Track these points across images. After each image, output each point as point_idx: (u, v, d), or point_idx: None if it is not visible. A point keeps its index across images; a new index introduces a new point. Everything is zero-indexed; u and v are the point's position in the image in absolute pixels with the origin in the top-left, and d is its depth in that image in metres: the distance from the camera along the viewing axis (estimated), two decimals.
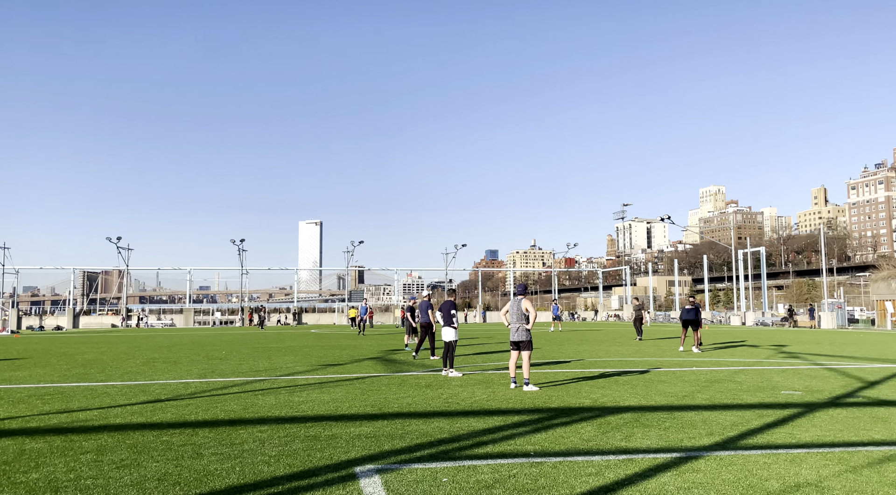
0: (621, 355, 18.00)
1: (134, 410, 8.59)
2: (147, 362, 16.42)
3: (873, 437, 6.67)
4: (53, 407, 8.84)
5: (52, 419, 7.94)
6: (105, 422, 7.69)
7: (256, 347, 22.84)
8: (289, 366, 14.97)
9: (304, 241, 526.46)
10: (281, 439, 6.69)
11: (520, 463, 5.65)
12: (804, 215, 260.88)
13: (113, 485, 5.03)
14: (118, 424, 7.58)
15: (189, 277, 71.13)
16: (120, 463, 5.73)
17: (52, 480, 5.18)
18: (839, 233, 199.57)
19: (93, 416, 8.11)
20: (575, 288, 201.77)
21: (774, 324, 52.35)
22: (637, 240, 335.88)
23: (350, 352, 20.17)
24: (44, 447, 6.36)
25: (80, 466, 5.61)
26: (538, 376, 12.38)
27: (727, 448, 6.20)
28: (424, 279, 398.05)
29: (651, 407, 8.60)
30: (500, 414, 8.12)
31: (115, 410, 8.59)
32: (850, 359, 16.49)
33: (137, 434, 7.00)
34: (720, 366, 14.40)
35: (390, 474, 5.33)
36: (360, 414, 8.17)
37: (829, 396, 9.65)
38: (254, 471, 5.42)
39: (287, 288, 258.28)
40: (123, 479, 5.20)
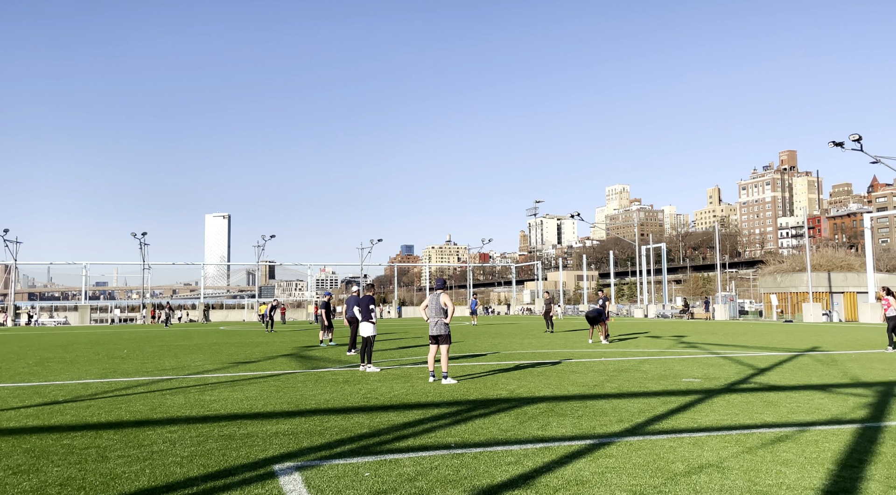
0: (535, 347, 18.51)
1: (29, 413, 8.02)
2: (40, 362, 15.34)
3: (765, 420, 7.20)
4: None
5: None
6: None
7: (161, 345, 21.83)
8: (198, 365, 14.41)
9: (211, 235, 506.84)
10: (193, 439, 6.45)
11: (441, 454, 5.71)
12: (700, 213, 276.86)
13: (10, 492, 4.69)
14: (12, 428, 7.05)
15: (85, 272, 66.93)
16: (17, 468, 5.35)
17: None
18: (731, 230, 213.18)
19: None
20: (489, 282, 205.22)
21: (673, 316, 55.36)
22: (548, 236, 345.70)
23: (263, 349, 19.66)
24: None
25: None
26: (456, 369, 12.54)
27: (636, 433, 6.52)
28: (339, 274, 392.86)
29: (565, 397, 8.90)
30: (420, 408, 8.17)
31: (7, 413, 7.99)
32: (742, 348, 17.69)
33: (35, 437, 6.54)
34: (626, 357, 15.09)
35: (310, 471, 5.25)
36: (277, 412, 7.99)
37: (726, 383, 10.33)
38: (165, 473, 5.20)
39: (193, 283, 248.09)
40: (22, 485, 4.86)
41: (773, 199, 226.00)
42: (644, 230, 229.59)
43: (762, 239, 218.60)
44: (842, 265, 61.86)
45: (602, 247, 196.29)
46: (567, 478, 4.92)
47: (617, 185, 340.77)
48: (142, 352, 18.71)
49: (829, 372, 11.83)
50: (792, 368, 12.47)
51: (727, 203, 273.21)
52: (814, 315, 42.23)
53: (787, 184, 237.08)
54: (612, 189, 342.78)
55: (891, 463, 5.26)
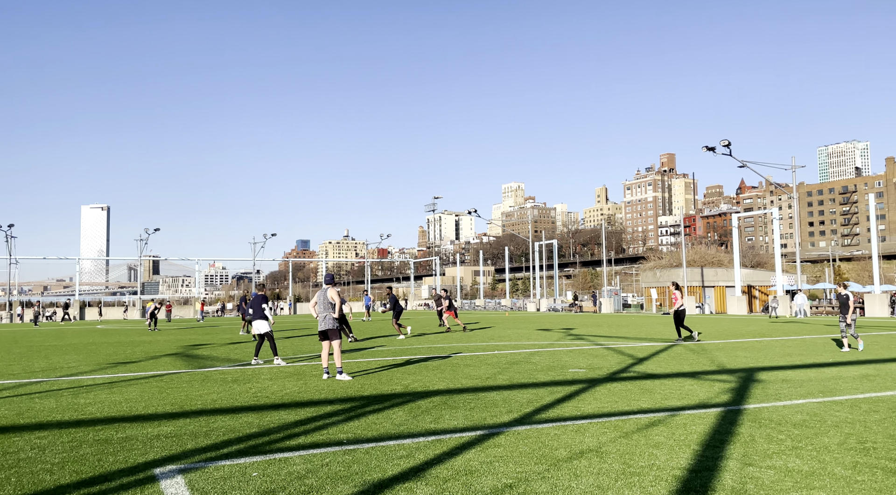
0: (430, 342, 18.71)
1: None
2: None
3: (641, 406, 7.70)
4: None
5: None
6: None
7: (30, 346, 20.17)
8: (71, 366, 13.46)
9: (88, 228, 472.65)
10: (65, 445, 6.03)
11: (333, 451, 5.68)
12: (589, 211, 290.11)
13: None
14: None
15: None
16: None
17: None
18: (617, 228, 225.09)
19: None
20: (388, 278, 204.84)
21: (563, 309, 57.72)
22: (446, 232, 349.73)
23: (144, 348, 18.63)
24: None
25: None
26: (351, 366, 12.46)
27: (524, 423, 6.77)
28: (230, 270, 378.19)
29: (458, 390, 9.08)
30: (313, 405, 8.07)
31: None
32: (624, 339, 18.76)
33: None
34: (518, 349, 15.60)
35: (194, 473, 5.07)
36: (159, 414, 7.63)
37: (608, 372, 10.93)
38: (33, 481, 4.84)
39: (67, 279, 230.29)
40: None
41: (655, 199, 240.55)
42: (538, 227, 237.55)
43: (644, 236, 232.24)
44: (713, 261, 66.92)
45: (498, 243, 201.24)
46: (457, 469, 5.05)
47: (513, 183, 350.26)
48: (8, 353, 17.21)
49: (699, 360, 12.79)
50: (667, 357, 13.38)
51: (613, 202, 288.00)
52: (689, 307, 45.42)
53: (666, 185, 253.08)
54: (508, 187, 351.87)
55: (747, 443, 5.79)
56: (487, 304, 73.34)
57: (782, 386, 9.13)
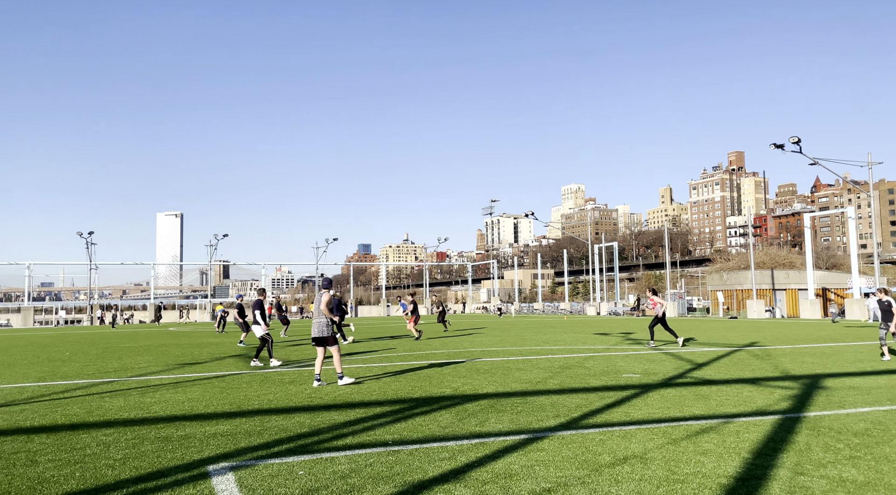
0: (484, 345, 18.72)
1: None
2: None
3: (694, 412, 7.51)
4: None
5: None
6: None
7: (106, 347, 21.30)
8: (142, 367, 14.15)
9: (163, 234, 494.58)
10: (128, 442, 6.38)
11: (377, 452, 5.79)
12: (653, 212, 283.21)
13: None
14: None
15: (28, 273, 64.54)
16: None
17: None
18: (682, 229, 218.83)
19: None
20: (446, 281, 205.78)
21: (625, 313, 56.55)
22: (505, 235, 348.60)
23: (211, 350, 19.37)
24: None
25: None
26: (403, 367, 12.61)
27: (570, 428, 6.72)
28: (295, 274, 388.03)
29: (507, 394, 9.08)
30: (363, 407, 8.23)
31: None
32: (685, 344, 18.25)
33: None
34: (573, 354, 15.42)
35: (245, 471, 5.27)
36: (218, 413, 7.94)
37: (663, 378, 10.68)
38: (95, 476, 5.15)
39: (144, 284, 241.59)
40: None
41: (722, 199, 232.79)
42: (598, 229, 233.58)
43: (712, 237, 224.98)
44: (784, 263, 64.16)
45: (558, 246, 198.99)
46: (497, 472, 5.07)
47: (573, 185, 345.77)
48: (85, 354, 18.23)
49: (761, 366, 12.33)
50: (728, 363, 12.96)
51: (678, 202, 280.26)
52: (757, 311, 43.72)
53: (735, 184, 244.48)
54: (568, 188, 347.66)
55: (802, 451, 5.57)
56: (546, 308, 72.66)
57: (848, 394, 8.71)
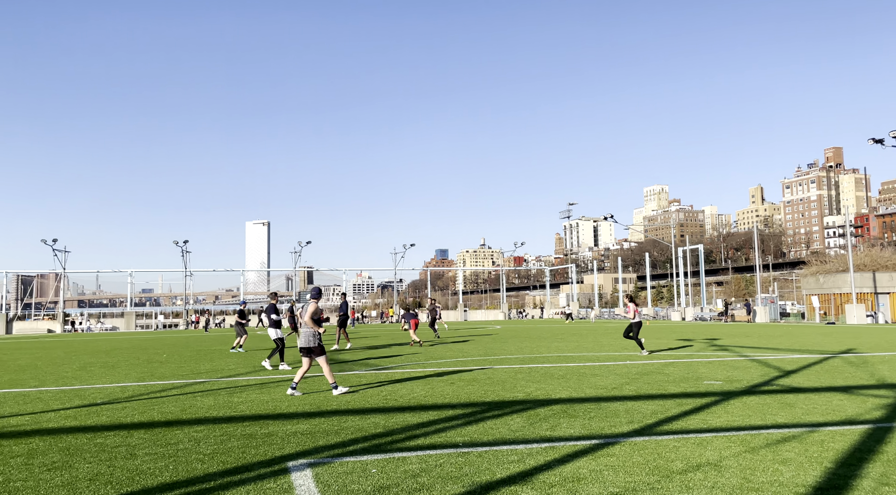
0: (560, 350, 18.56)
1: (68, 414, 8.51)
2: (84, 367, 16.06)
3: (777, 421, 7.22)
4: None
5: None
6: (37, 427, 7.62)
7: (199, 350, 22.54)
8: (231, 368, 14.91)
9: (252, 242, 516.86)
10: (217, 438, 6.80)
11: (448, 453, 5.93)
12: (743, 213, 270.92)
13: (43, 487, 5.08)
14: (51, 428, 7.52)
15: (130, 280, 69.11)
16: (51, 465, 5.75)
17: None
18: (775, 230, 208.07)
19: (24, 421, 8.01)
20: (524, 286, 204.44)
21: (712, 319, 54.40)
22: (584, 239, 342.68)
23: (294, 352, 20.14)
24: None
25: (10, 469, 5.61)
26: (477, 373, 12.70)
27: (643, 434, 6.62)
28: (375, 279, 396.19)
29: (580, 399, 9.02)
30: (436, 409, 8.40)
31: (47, 415, 8.49)
32: (774, 351, 17.44)
33: (70, 437, 6.98)
34: (652, 360, 15.06)
35: (322, 467, 5.53)
36: (298, 413, 8.32)
37: (747, 385, 10.29)
38: (187, 469, 5.54)
39: (234, 289, 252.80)
40: (54, 480, 5.24)
41: (819, 198, 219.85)
42: (684, 231, 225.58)
43: (808, 239, 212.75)
44: (888, 265, 59.90)
45: (640, 250, 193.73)
46: (565, 476, 5.09)
47: (655, 186, 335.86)
48: (180, 356, 19.37)
49: (856, 373, 11.65)
50: (819, 370, 12.31)
51: (770, 202, 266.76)
52: (857, 316, 41.07)
53: (833, 181, 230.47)
54: (651, 189, 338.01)
55: (890, 462, 5.28)
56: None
57: None
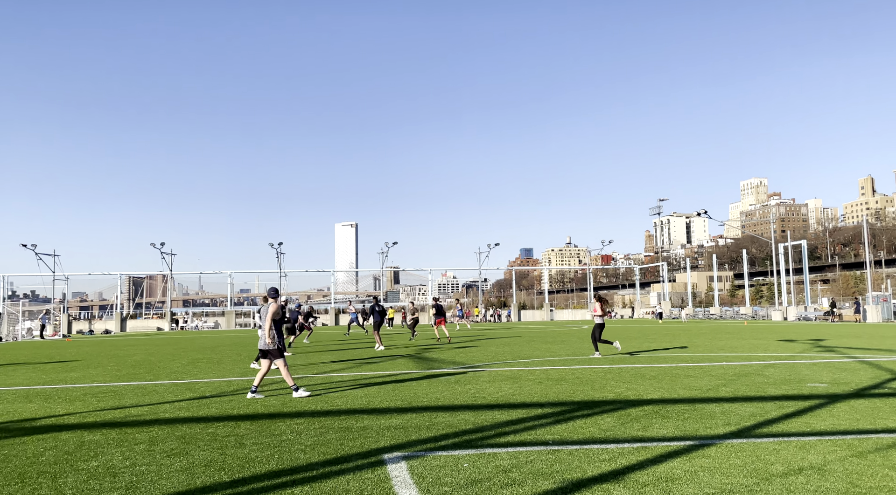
0: (652, 351, 18.10)
1: (181, 406, 9.18)
2: (192, 362, 17.18)
3: (888, 425, 6.81)
4: (107, 404, 9.50)
5: (107, 414, 8.57)
6: (155, 417, 8.28)
7: (294, 348, 23.53)
8: (325, 365, 15.52)
9: (341, 243, 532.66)
10: (316, 430, 7.16)
11: (538, 450, 5.99)
12: (851, 206, 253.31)
13: (165, 471, 5.55)
14: (167, 418, 8.16)
15: (230, 281, 72.93)
16: (170, 451, 6.26)
17: (110, 467, 5.72)
18: (888, 223, 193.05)
19: (144, 412, 8.72)
20: (612, 285, 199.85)
21: (817, 318, 51.23)
22: (676, 236, 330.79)
23: (384, 350, 20.67)
24: (101, 439, 6.94)
25: (135, 455, 6.16)
26: (565, 372, 12.63)
27: (741, 436, 6.43)
28: (459, 279, 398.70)
29: (673, 400, 8.82)
30: (525, 407, 8.46)
31: (163, 406, 9.20)
32: (886, 353, 16.30)
33: (185, 426, 7.55)
34: (750, 361, 14.44)
35: (416, 460, 5.73)
36: (391, 408, 8.60)
37: (855, 388, 9.71)
38: (291, 459, 5.89)
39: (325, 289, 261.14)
40: (174, 466, 5.72)
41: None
42: (784, 226, 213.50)
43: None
44: None
45: (737, 246, 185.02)
46: (658, 475, 5.04)
47: (753, 179, 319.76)
48: None
49: None
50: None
51: (882, 194, 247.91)
52: None
53: None
54: (748, 183, 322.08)
55: None
56: (724, 313, 67.88)
57: None
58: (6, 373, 15.07)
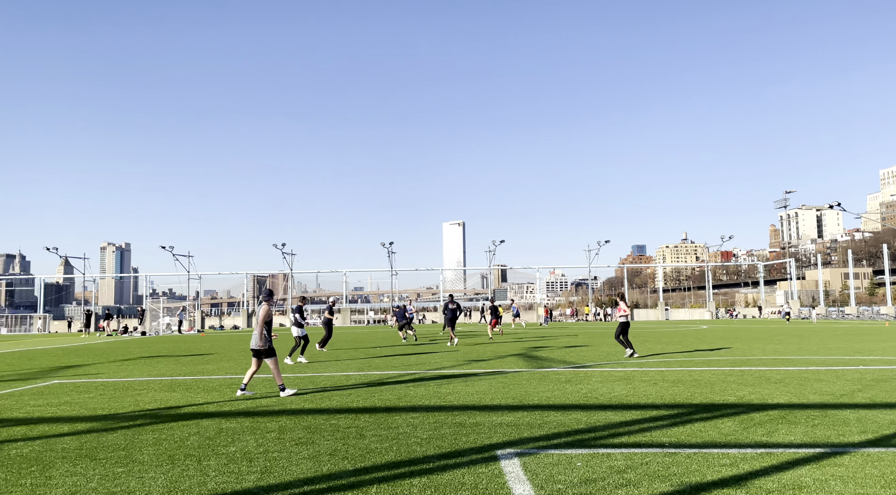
0: (777, 353, 17.05)
1: (306, 398, 9.78)
2: (312, 357, 18.14)
3: None
4: (240, 395, 10.27)
5: (240, 404, 9.29)
6: (283, 408, 8.87)
7: (407, 344, 24.22)
8: (437, 362, 15.89)
9: (448, 242, 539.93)
10: (430, 425, 7.41)
11: (654, 452, 5.88)
12: None
13: (294, 458, 5.97)
14: (294, 409, 8.72)
15: (345, 279, 76.00)
16: (298, 440, 6.72)
17: (246, 452, 6.24)
18: None
19: (273, 402, 9.37)
20: (733, 283, 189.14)
21: None
22: (805, 230, 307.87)
23: (494, 348, 20.84)
24: (237, 426, 7.55)
25: (267, 442, 6.66)
26: (682, 374, 12.21)
27: (879, 445, 5.99)
28: (568, 276, 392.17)
29: (801, 405, 8.32)
30: (639, 409, 8.29)
31: (290, 398, 9.83)
32: None
33: (310, 417, 8.05)
34: (892, 365, 13.28)
35: (528, 457, 5.81)
36: (503, 405, 8.71)
37: None
38: (408, 451, 6.15)
39: (434, 287, 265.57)
40: (302, 453, 6.14)
41: None
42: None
43: None
44: None
45: (876, 241, 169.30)
46: (784, 483, 4.82)
47: (894, 168, 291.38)
48: (391, 349, 21.03)
49: None
50: None
51: None
52: None
53: None
54: (888, 172, 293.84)
55: None
56: (862, 313, 62.45)
57: None
58: (152, 365, 16.63)
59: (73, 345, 29.09)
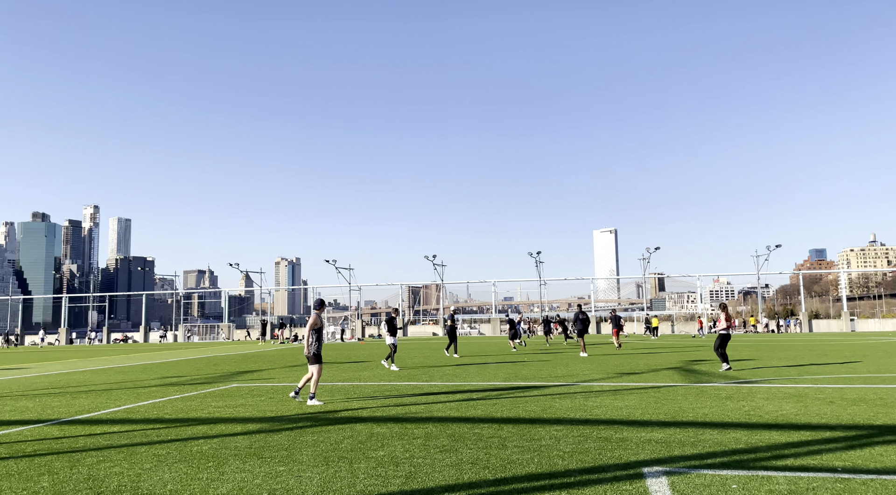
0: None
1: (451, 406, 9.99)
2: (461, 366, 18.50)
3: None
4: (391, 401, 10.73)
5: (391, 410, 9.70)
6: (430, 415, 9.14)
7: (556, 355, 23.90)
8: (585, 373, 15.52)
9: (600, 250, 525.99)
10: (574, 438, 7.25)
11: (822, 477, 5.32)
12: None
13: (437, 465, 6.13)
14: (439, 417, 8.95)
15: (494, 289, 76.64)
16: (442, 447, 6.88)
17: (393, 457, 6.50)
18: None
19: (420, 409, 9.68)
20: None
21: None
22: None
23: (647, 360, 19.95)
24: (386, 432, 7.90)
25: (413, 448, 6.89)
26: (867, 393, 10.90)
27: None
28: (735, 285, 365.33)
29: None
30: (809, 429, 7.53)
31: (436, 405, 10.10)
32: None
33: (455, 425, 8.22)
34: None
35: (678, 477, 5.49)
36: (653, 421, 8.31)
37: None
38: (549, 464, 6.07)
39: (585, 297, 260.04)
40: (445, 461, 6.28)
41: None
42: None
43: None
44: None
45: None
46: None
47: None
48: (539, 360, 20.87)
49: None
50: None
51: None
52: None
53: None
54: None
55: None
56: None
57: None
58: None
59: (250, 352, 32.09)
